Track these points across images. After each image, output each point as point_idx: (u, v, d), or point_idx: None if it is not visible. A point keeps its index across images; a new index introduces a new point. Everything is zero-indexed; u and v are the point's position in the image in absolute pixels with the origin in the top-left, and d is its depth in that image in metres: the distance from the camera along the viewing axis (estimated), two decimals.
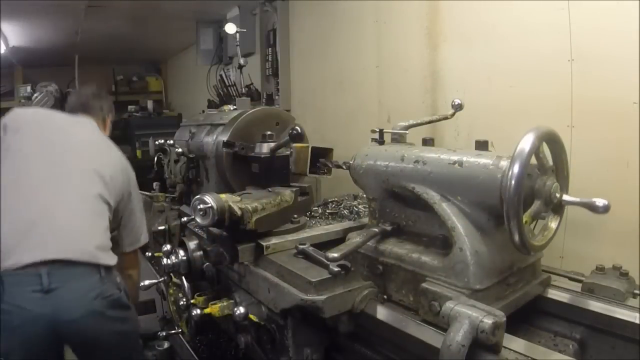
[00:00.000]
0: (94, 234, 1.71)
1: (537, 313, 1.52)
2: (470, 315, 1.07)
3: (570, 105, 2.04)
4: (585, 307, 1.42)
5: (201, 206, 1.50)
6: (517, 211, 1.17)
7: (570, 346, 1.41)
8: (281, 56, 4.36)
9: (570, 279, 1.60)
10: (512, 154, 1.19)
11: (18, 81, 6.83)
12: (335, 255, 1.38)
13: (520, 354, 1.13)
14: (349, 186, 2.03)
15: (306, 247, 1.58)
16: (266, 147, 2.01)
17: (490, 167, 1.30)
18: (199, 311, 1.68)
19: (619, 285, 1.43)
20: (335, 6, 3.65)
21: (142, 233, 2.09)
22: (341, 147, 2.28)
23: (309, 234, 1.79)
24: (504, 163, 1.27)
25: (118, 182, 1.88)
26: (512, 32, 2.29)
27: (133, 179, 2.00)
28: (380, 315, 1.37)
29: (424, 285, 1.33)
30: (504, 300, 1.34)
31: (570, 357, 1.23)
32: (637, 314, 1.31)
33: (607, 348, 1.37)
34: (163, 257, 1.87)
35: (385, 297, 1.51)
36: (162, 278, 2.08)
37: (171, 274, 1.98)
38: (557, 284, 1.56)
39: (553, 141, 1.34)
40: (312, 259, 1.51)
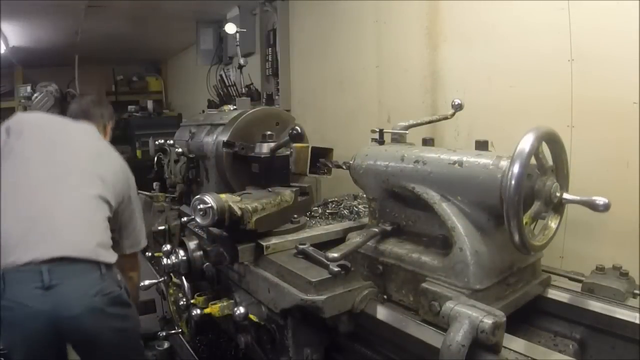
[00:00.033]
0: (95, 232, 1.73)
1: (537, 313, 1.52)
2: (470, 315, 1.07)
3: (570, 105, 2.04)
4: (585, 307, 1.42)
5: (201, 206, 1.51)
6: (517, 211, 1.17)
7: (570, 346, 1.41)
8: (281, 56, 4.36)
9: (570, 279, 1.60)
10: (512, 154, 1.19)
11: (18, 81, 6.83)
12: (335, 255, 1.38)
13: (520, 354, 1.13)
14: (349, 186, 2.03)
15: (306, 247, 1.58)
16: (266, 147, 2.01)
17: (490, 167, 1.30)
18: (199, 311, 1.68)
19: (619, 285, 1.43)
20: (335, 6, 3.65)
21: (142, 236, 2.12)
22: (341, 147, 2.28)
23: (309, 234, 1.79)
24: (504, 163, 1.27)
25: (118, 184, 1.90)
26: (512, 32, 2.29)
27: (133, 183, 2.03)
28: (380, 315, 1.37)
29: (424, 285, 1.33)
30: (504, 300, 1.34)
31: (570, 357, 1.23)
32: (637, 314, 1.31)
33: (607, 348, 1.37)
34: (163, 257, 1.87)
35: (385, 297, 1.51)
36: (162, 278, 2.09)
37: (171, 274, 1.98)
38: (557, 284, 1.56)
39: (553, 141, 1.34)
40: (312, 259, 1.51)
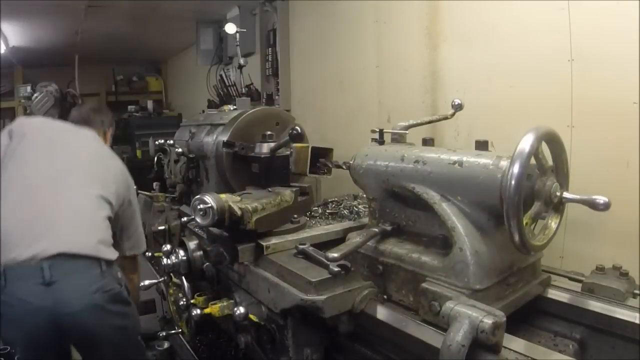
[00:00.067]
0: (96, 229, 1.75)
1: (537, 313, 1.51)
2: (470, 315, 1.07)
3: (570, 105, 2.04)
4: (585, 307, 1.42)
5: (201, 206, 1.51)
6: (517, 211, 1.17)
7: (570, 346, 1.41)
8: (281, 56, 4.36)
9: (570, 279, 1.60)
10: (512, 154, 1.19)
11: (18, 81, 6.82)
12: (335, 255, 1.38)
13: (520, 354, 1.13)
14: (349, 186, 2.03)
15: (306, 247, 1.58)
16: (266, 147, 2.01)
17: (490, 167, 1.30)
18: (199, 311, 1.68)
19: (619, 285, 1.42)
20: (335, 6, 3.65)
21: (142, 240, 2.16)
22: (341, 147, 2.28)
23: (309, 234, 1.79)
24: (504, 163, 1.27)
25: (119, 187, 1.93)
26: (512, 32, 2.29)
27: (133, 187, 2.07)
28: (380, 315, 1.37)
29: (424, 285, 1.33)
30: (504, 300, 1.34)
31: (570, 357, 1.23)
32: (637, 314, 1.31)
33: (607, 348, 1.37)
34: (163, 257, 1.87)
35: (385, 297, 1.51)
36: (162, 278, 2.09)
37: (171, 274, 1.98)
38: (557, 284, 1.56)
39: (553, 141, 1.34)
40: (312, 259, 1.51)
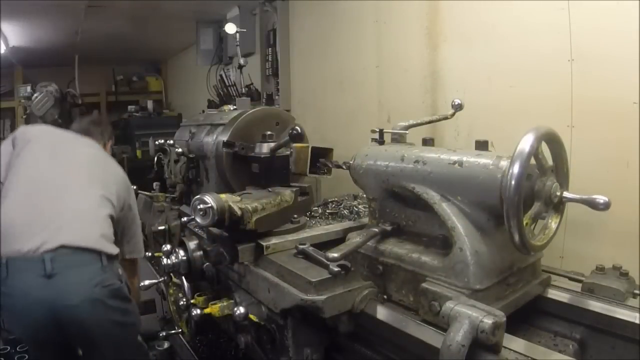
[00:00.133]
0: (98, 223, 1.77)
1: (537, 313, 1.51)
2: (470, 315, 1.07)
3: (570, 105, 2.04)
4: (585, 307, 1.42)
5: (201, 206, 1.51)
6: (517, 211, 1.17)
7: (570, 346, 1.41)
8: (281, 56, 4.36)
9: (570, 279, 1.60)
10: (512, 154, 1.19)
11: (18, 81, 6.82)
12: (335, 255, 1.38)
13: (520, 354, 1.13)
14: (349, 186, 2.03)
15: (306, 247, 1.58)
16: (266, 147, 2.01)
17: (490, 167, 1.30)
18: (199, 311, 1.68)
19: (619, 285, 1.42)
20: (335, 6, 3.65)
21: (141, 245, 2.19)
22: (341, 147, 2.28)
23: (309, 234, 1.79)
24: (504, 163, 1.27)
25: (120, 189, 1.97)
26: (512, 32, 2.29)
27: (132, 192, 2.11)
28: (380, 315, 1.37)
29: (424, 285, 1.32)
30: (504, 300, 1.34)
31: (570, 357, 1.23)
32: (637, 314, 1.31)
33: (607, 348, 1.37)
34: (163, 257, 1.87)
35: (385, 297, 1.51)
36: (162, 278, 2.09)
37: (171, 274, 1.98)
38: (557, 284, 1.56)
39: (553, 141, 1.34)
40: (312, 259, 1.51)
